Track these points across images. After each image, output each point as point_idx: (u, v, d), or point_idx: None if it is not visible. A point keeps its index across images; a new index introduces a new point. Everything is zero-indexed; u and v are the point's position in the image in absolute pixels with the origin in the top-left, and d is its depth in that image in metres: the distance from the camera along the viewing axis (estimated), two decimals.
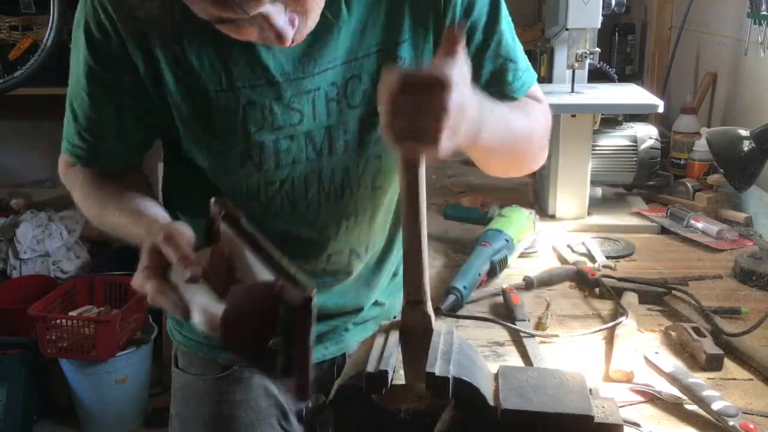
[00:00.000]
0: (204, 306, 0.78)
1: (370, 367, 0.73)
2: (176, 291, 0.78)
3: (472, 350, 0.81)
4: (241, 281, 0.81)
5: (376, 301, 1.23)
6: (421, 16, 0.98)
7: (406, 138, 0.73)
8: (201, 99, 0.97)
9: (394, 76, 0.71)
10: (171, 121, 1.00)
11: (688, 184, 1.86)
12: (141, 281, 0.80)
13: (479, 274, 1.35)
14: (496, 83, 1.02)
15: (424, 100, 0.71)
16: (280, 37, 0.84)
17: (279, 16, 0.82)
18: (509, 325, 1.23)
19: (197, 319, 0.78)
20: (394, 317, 1.28)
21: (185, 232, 0.80)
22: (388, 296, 1.25)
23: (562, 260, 1.52)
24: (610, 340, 1.17)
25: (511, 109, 0.96)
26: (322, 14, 0.90)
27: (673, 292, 1.31)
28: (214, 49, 0.94)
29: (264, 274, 0.80)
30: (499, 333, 1.22)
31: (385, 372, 0.73)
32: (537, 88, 1.09)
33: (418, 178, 0.77)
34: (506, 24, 1.03)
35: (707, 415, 0.96)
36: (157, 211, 0.97)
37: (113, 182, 1.05)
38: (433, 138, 0.72)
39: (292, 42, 0.87)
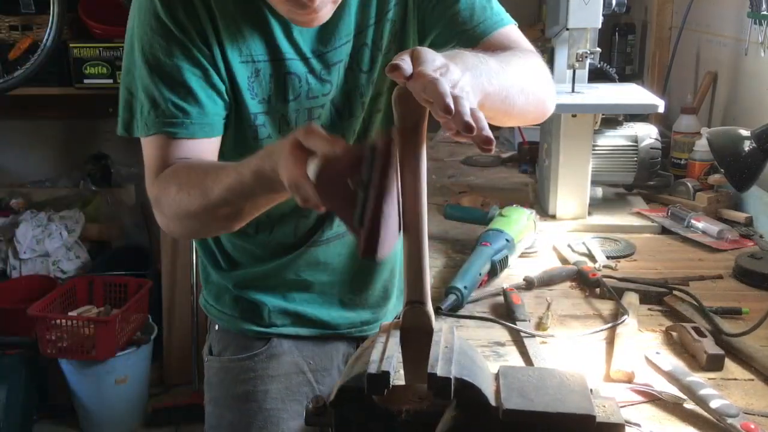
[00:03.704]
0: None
1: (372, 368, 0.73)
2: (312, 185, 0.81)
3: (472, 350, 0.80)
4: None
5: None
6: None
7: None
8: (252, 67, 1.08)
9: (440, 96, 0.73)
10: (223, 89, 1.07)
11: (688, 184, 1.86)
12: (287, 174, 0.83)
13: (480, 274, 1.35)
14: (471, 20, 1.11)
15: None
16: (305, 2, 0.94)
17: None
18: (510, 325, 1.23)
19: (310, 169, 0.81)
20: (395, 317, 1.29)
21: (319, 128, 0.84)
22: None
23: (563, 260, 1.52)
24: (610, 340, 1.17)
25: (504, 60, 0.98)
26: None
27: (674, 292, 1.31)
28: (258, 25, 1.07)
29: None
30: (500, 333, 1.22)
31: (387, 373, 0.72)
32: (514, 29, 1.16)
33: (419, 178, 0.77)
34: None
35: (708, 416, 0.96)
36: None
37: (197, 163, 1.05)
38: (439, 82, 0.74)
39: (317, 17, 0.99)
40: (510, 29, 1.14)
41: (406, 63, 0.75)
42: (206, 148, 1.06)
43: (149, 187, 1.07)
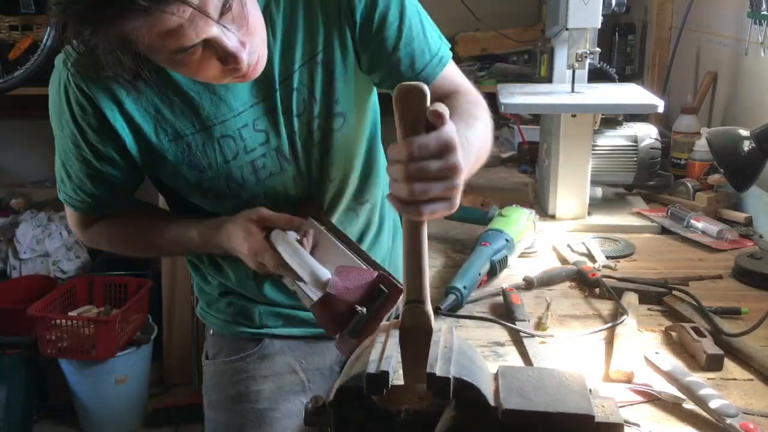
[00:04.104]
0: (311, 267, 1.05)
1: (371, 368, 0.73)
2: (277, 252, 1.07)
3: (471, 350, 0.81)
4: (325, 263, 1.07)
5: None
6: (334, 20, 1.08)
7: (425, 203, 0.76)
8: (182, 142, 1.10)
9: (403, 147, 0.74)
10: (158, 168, 1.13)
11: (688, 184, 1.86)
12: (252, 248, 1.08)
13: (479, 274, 1.35)
14: (413, 68, 1.11)
15: (442, 165, 0.76)
16: (235, 58, 0.92)
17: (229, 38, 0.91)
18: (509, 325, 1.23)
19: (306, 277, 1.05)
20: (396, 317, 1.29)
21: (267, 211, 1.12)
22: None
23: (563, 260, 1.52)
24: (610, 340, 1.17)
25: (470, 125, 1.02)
26: None
27: (674, 292, 1.31)
28: (181, 99, 1.07)
29: (348, 260, 1.08)
30: (499, 333, 1.22)
31: (386, 372, 0.73)
32: (453, 66, 1.18)
33: None
34: (411, 8, 1.10)
35: (707, 416, 0.96)
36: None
37: (134, 217, 1.25)
38: (453, 197, 0.78)
39: (254, 70, 0.97)
40: (450, 69, 1.16)
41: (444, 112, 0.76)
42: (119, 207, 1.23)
43: (78, 235, 1.29)
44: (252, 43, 0.94)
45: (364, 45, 1.10)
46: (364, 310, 0.99)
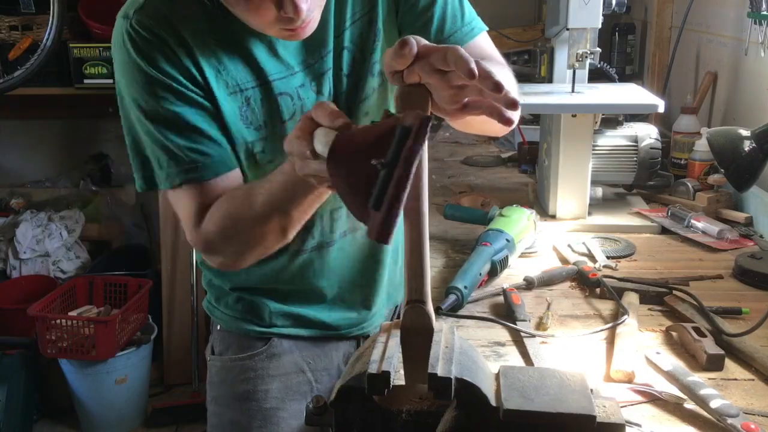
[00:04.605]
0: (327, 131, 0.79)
1: (372, 368, 0.73)
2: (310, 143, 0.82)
3: (472, 350, 0.80)
4: None
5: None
6: None
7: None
8: (241, 96, 1.06)
9: (460, 57, 0.73)
10: (222, 123, 1.06)
11: (688, 184, 1.86)
12: (289, 141, 0.85)
13: (480, 274, 1.35)
14: (443, 31, 1.10)
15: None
16: (296, 8, 0.91)
17: None
18: (510, 325, 1.23)
19: (317, 142, 0.80)
20: (396, 317, 1.29)
21: (332, 104, 0.83)
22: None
23: (563, 260, 1.52)
24: (611, 340, 1.17)
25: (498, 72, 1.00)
26: None
27: (674, 292, 1.31)
28: (240, 52, 1.05)
29: None
30: (500, 333, 1.22)
31: (387, 373, 0.72)
32: (486, 38, 1.17)
33: (420, 177, 0.77)
34: None
35: (708, 416, 0.96)
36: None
37: (240, 187, 1.08)
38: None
39: (305, 29, 0.96)
40: (481, 39, 1.15)
41: (413, 41, 0.75)
42: (234, 179, 1.07)
43: (193, 237, 1.07)
44: (312, 1, 0.95)
45: (399, 6, 1.11)
46: (382, 160, 0.73)
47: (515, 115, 0.86)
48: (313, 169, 0.83)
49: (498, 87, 0.73)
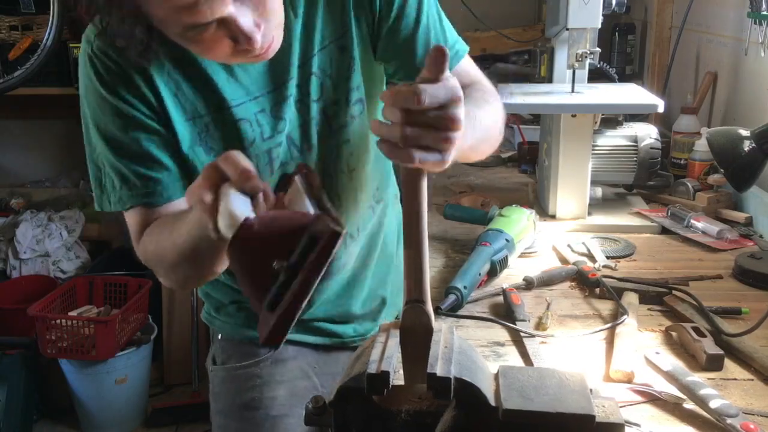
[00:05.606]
0: (233, 209, 0.75)
1: (371, 368, 0.73)
2: (217, 198, 0.77)
3: (472, 350, 0.80)
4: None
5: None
6: (354, 7, 1.07)
7: (417, 149, 0.75)
8: (201, 122, 1.06)
9: (410, 90, 0.73)
10: (176, 148, 1.06)
11: (688, 184, 1.86)
12: (191, 192, 0.81)
13: (479, 274, 1.35)
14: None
15: (442, 114, 0.75)
16: (249, 39, 0.89)
17: (244, 18, 0.88)
18: (509, 325, 1.23)
19: (221, 218, 0.76)
20: (396, 317, 1.29)
21: (242, 157, 0.80)
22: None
23: (563, 260, 1.52)
24: (610, 340, 1.17)
25: (480, 106, 1.02)
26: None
27: (674, 292, 1.31)
28: (198, 75, 1.04)
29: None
30: (500, 333, 1.22)
31: (387, 373, 0.72)
32: (469, 60, 1.17)
33: (418, 178, 0.77)
34: (430, 2, 1.10)
35: (708, 416, 0.96)
36: None
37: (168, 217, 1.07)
38: (446, 150, 0.76)
39: (266, 52, 0.94)
40: (465, 63, 1.16)
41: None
42: (183, 204, 1.06)
43: (136, 251, 1.10)
44: (267, 26, 0.93)
45: (382, 33, 1.09)
46: (284, 263, 0.69)
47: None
48: (208, 211, 0.79)
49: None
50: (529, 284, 1.38)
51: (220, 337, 1.30)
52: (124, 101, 1.02)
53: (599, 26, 1.76)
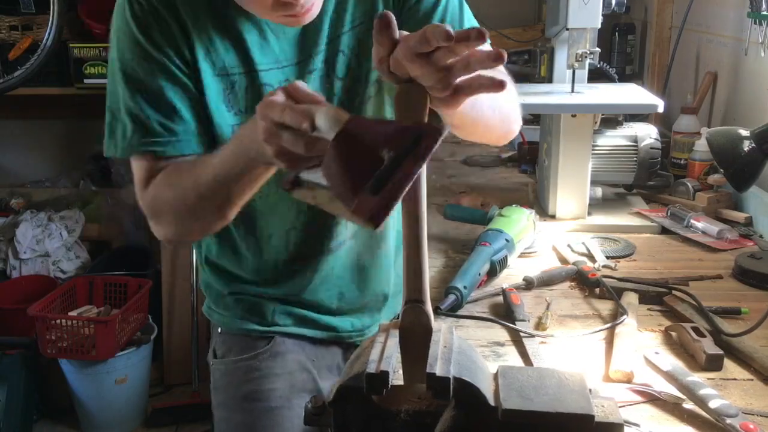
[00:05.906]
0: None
1: (371, 368, 0.73)
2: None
3: (471, 350, 0.80)
4: None
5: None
6: None
7: (431, 85, 0.76)
8: (227, 80, 1.08)
9: (437, 27, 0.73)
10: (200, 103, 1.07)
11: (688, 184, 1.86)
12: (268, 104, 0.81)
13: (479, 274, 1.35)
14: None
15: (470, 54, 0.74)
16: None
17: None
18: (509, 325, 1.23)
19: (321, 117, 0.77)
20: (396, 317, 1.29)
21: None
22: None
23: (563, 260, 1.52)
24: (610, 340, 1.17)
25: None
26: None
27: (674, 292, 1.31)
28: (232, 36, 1.06)
29: None
30: (499, 333, 1.22)
31: (386, 372, 0.72)
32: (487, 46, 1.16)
33: (418, 178, 0.77)
34: None
35: (707, 416, 0.96)
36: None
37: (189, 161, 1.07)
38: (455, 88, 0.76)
39: (305, 15, 0.97)
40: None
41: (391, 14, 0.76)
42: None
43: (141, 199, 1.09)
44: None
45: (402, 12, 1.11)
46: (392, 153, 0.73)
47: (509, 82, 0.89)
48: (290, 143, 0.79)
49: (479, 36, 0.71)
50: (528, 284, 1.38)
51: (219, 330, 1.32)
52: (156, 47, 1.03)
53: (599, 26, 1.76)
